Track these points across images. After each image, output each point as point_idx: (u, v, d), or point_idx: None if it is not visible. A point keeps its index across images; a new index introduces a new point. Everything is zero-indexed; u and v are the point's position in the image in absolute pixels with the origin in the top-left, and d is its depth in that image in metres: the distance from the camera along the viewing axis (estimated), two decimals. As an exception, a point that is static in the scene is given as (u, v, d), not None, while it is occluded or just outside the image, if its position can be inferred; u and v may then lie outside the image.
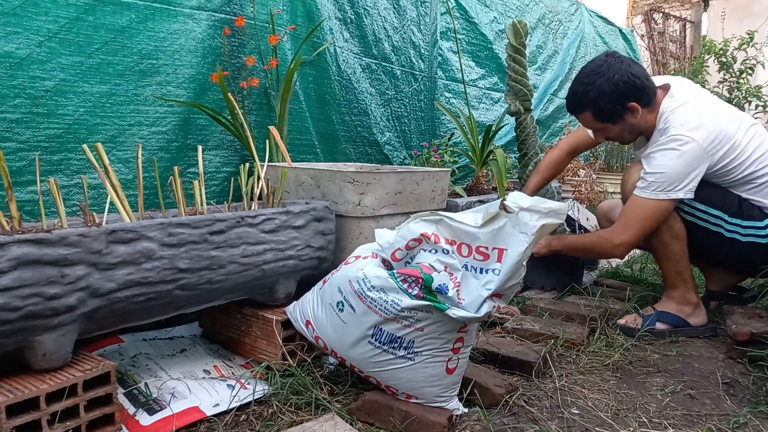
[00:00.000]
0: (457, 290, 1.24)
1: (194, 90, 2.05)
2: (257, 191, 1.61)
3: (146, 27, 1.89)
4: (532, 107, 2.45)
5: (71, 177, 1.75)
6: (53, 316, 1.08)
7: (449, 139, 3.20)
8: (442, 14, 3.37)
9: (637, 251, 3.13)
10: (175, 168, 1.44)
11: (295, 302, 1.51)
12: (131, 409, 1.27)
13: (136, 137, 1.89)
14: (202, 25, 2.05)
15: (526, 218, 1.20)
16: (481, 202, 2.42)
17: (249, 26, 2.20)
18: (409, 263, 1.33)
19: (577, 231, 2.77)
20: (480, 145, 2.81)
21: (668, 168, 1.77)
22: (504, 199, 1.23)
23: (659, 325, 1.90)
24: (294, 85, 2.36)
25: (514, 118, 2.48)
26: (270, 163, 1.81)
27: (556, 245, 2.03)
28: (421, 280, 1.23)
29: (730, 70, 5.77)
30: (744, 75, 5.76)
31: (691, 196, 1.80)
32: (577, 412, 1.38)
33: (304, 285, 1.58)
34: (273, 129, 1.88)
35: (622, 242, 1.86)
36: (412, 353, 1.28)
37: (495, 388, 1.39)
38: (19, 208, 1.19)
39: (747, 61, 5.72)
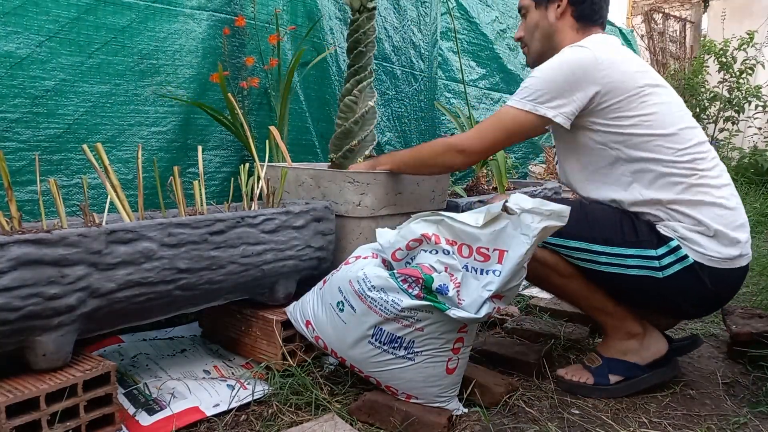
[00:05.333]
0: (458, 291, 1.24)
1: (195, 90, 2.05)
2: (257, 191, 1.61)
3: (147, 27, 1.89)
4: (375, 5, 1.85)
5: (71, 177, 1.75)
6: (53, 317, 1.08)
7: (449, 139, 3.20)
8: (442, 14, 3.38)
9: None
10: (175, 168, 1.44)
11: (295, 302, 1.51)
12: (131, 409, 1.27)
13: (137, 137, 1.89)
14: (203, 26, 2.05)
15: (528, 220, 1.20)
16: (481, 202, 2.42)
17: (249, 26, 2.20)
18: (410, 263, 1.33)
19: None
20: (480, 145, 2.81)
21: (544, 72, 1.45)
22: (506, 201, 1.23)
23: (612, 378, 1.49)
24: (294, 85, 2.36)
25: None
26: (270, 163, 1.81)
27: (386, 162, 1.74)
28: (421, 281, 1.23)
29: (730, 71, 5.77)
30: (744, 75, 5.77)
31: (562, 121, 1.43)
32: (577, 412, 1.38)
33: (304, 285, 1.58)
34: (273, 129, 1.88)
35: (466, 147, 1.54)
36: (412, 353, 1.28)
37: (495, 387, 1.39)
38: (19, 208, 1.19)
39: (747, 61, 5.72)
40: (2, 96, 1.60)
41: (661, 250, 1.40)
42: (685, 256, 1.39)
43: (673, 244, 1.40)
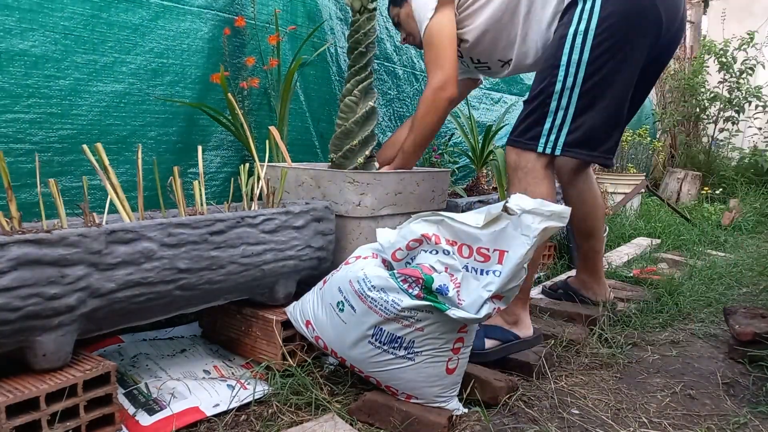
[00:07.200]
0: (458, 291, 1.24)
1: (199, 90, 2.05)
2: (257, 191, 1.61)
3: (157, 25, 1.90)
4: (375, 5, 1.87)
5: (80, 178, 1.75)
6: (53, 317, 1.08)
7: (449, 139, 3.20)
8: (442, 14, 3.37)
9: (637, 252, 3.14)
10: (175, 168, 1.44)
11: (295, 302, 1.51)
12: (131, 410, 1.27)
13: (145, 138, 1.89)
14: (208, 25, 2.05)
15: (528, 221, 1.20)
16: (481, 202, 2.42)
17: (249, 26, 2.20)
18: (410, 264, 1.33)
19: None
20: (480, 145, 2.81)
21: None
22: (506, 201, 1.23)
23: (489, 343, 1.57)
24: (294, 85, 2.36)
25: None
26: (270, 163, 1.81)
27: (399, 162, 1.86)
28: (421, 281, 1.23)
29: (730, 71, 5.77)
30: (744, 75, 5.76)
31: None
32: (577, 412, 1.38)
33: (304, 285, 1.58)
34: (273, 129, 1.88)
35: (442, 81, 1.67)
36: (412, 353, 1.28)
37: (495, 382, 1.39)
38: (27, 209, 1.19)
39: (747, 62, 5.72)
40: (17, 96, 1.59)
41: (578, 7, 1.52)
42: None
43: None
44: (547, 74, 1.56)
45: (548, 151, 1.56)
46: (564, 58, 1.52)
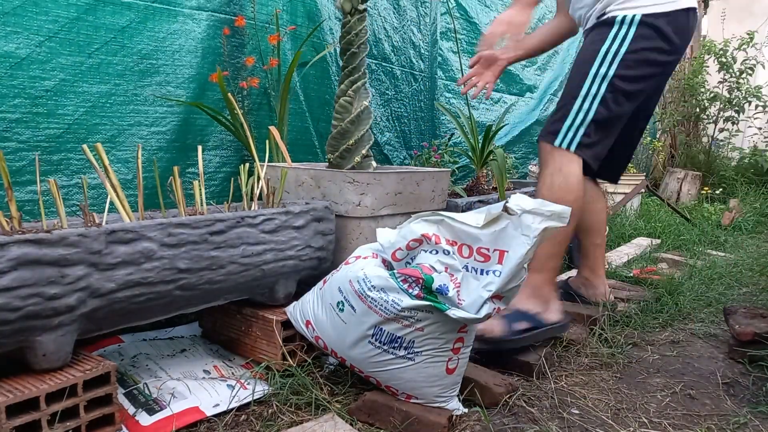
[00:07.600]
0: (458, 291, 1.24)
1: (194, 90, 2.05)
2: (257, 191, 1.61)
3: (146, 27, 1.90)
4: (365, 6, 1.87)
5: (71, 177, 1.75)
6: (53, 317, 1.08)
7: (449, 139, 3.20)
8: (442, 14, 3.38)
9: (637, 252, 3.14)
10: (175, 168, 1.44)
11: (295, 302, 1.51)
12: (131, 410, 1.27)
13: (136, 137, 1.89)
14: (202, 26, 2.05)
15: (529, 221, 1.20)
16: (481, 202, 2.42)
17: (249, 26, 2.20)
18: (410, 264, 1.33)
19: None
20: (480, 145, 2.81)
21: None
22: (506, 201, 1.23)
23: (520, 325, 1.62)
24: (294, 85, 2.36)
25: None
26: (270, 163, 1.81)
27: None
28: (421, 281, 1.23)
29: (730, 71, 5.77)
30: (744, 75, 5.77)
31: None
32: (577, 412, 1.38)
33: (304, 285, 1.58)
34: (273, 129, 1.88)
35: None
36: (412, 353, 1.28)
37: (495, 387, 1.39)
38: (19, 208, 1.19)
39: (747, 62, 5.72)
40: (2, 96, 1.60)
41: (614, 30, 1.66)
42: (633, 17, 1.63)
43: (619, 18, 1.65)
44: (579, 79, 1.72)
45: (564, 146, 1.71)
46: (593, 69, 1.69)
